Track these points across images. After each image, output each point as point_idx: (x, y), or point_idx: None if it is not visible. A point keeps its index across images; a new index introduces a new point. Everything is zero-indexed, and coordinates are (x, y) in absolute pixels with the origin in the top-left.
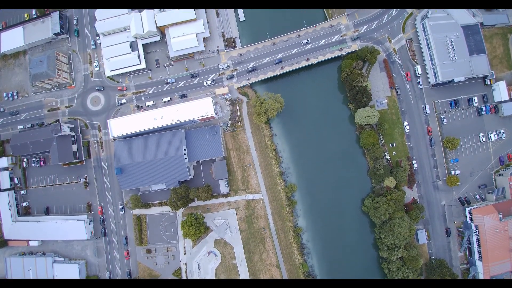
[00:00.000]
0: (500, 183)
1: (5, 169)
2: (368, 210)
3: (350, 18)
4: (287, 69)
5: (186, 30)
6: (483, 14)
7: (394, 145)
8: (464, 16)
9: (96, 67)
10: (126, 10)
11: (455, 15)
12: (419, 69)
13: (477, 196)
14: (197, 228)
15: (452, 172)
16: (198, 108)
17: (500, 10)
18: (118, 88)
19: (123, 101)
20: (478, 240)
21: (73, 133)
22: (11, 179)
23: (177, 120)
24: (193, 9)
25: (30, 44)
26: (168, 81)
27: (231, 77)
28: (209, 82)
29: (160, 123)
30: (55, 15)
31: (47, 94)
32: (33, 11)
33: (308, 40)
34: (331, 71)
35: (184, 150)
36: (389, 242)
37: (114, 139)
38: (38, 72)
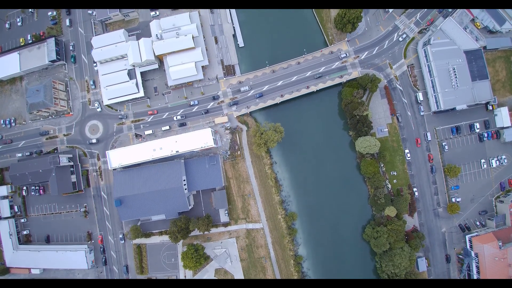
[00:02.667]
0: (500, 210)
1: (4, 197)
2: (368, 238)
3: (350, 44)
4: (287, 97)
5: (185, 59)
6: (486, 38)
7: (395, 173)
8: (467, 41)
9: (98, 107)
10: (123, 38)
11: (458, 40)
12: (420, 96)
13: (478, 223)
14: (197, 260)
15: (453, 199)
16: (198, 139)
17: (504, 32)
18: (149, 112)
19: (93, 141)
20: (477, 267)
21: (71, 163)
22: (11, 207)
23: (176, 151)
24: (191, 38)
25: (26, 71)
26: (191, 104)
27: (206, 112)
28: (178, 117)
29: (159, 154)
30: (51, 41)
31: (44, 121)
32: (29, 35)
33: (346, 54)
34: (331, 97)
35: (184, 181)
36: (389, 271)
37: (114, 169)
38: (35, 101)
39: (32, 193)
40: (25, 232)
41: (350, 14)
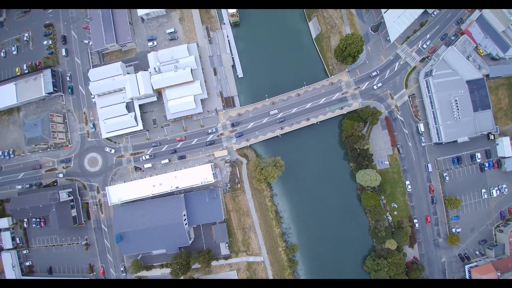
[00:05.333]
0: (500, 239)
1: (6, 229)
2: (369, 270)
3: (351, 74)
4: (287, 129)
5: (184, 92)
6: (489, 66)
7: (396, 205)
8: (469, 70)
9: (110, 150)
10: (120, 71)
11: (461, 70)
12: (421, 127)
13: (477, 252)
14: None
15: (453, 230)
16: (197, 174)
17: (507, 58)
18: (177, 138)
19: (60, 175)
20: None
21: (71, 197)
22: (13, 238)
23: (176, 187)
24: (190, 72)
25: (23, 102)
26: (209, 131)
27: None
28: (147, 156)
29: (159, 190)
30: (47, 72)
31: (43, 153)
32: (24, 65)
33: (377, 72)
34: (332, 127)
35: (184, 216)
36: None
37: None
38: (33, 136)
39: (33, 225)
40: (27, 263)
41: (351, 48)
